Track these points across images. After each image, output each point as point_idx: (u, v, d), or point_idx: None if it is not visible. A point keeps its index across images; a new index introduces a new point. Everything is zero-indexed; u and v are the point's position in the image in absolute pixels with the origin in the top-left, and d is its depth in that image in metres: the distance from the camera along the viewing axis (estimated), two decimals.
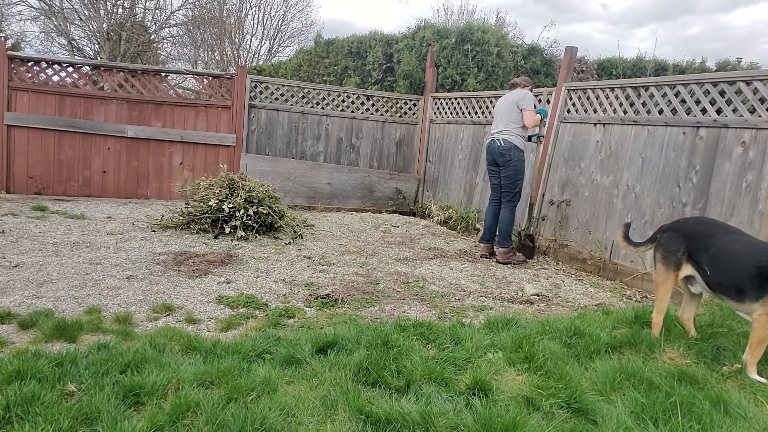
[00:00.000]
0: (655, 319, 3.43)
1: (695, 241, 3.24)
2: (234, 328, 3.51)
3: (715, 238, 3.17)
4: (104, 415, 2.20)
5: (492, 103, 7.85)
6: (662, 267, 3.36)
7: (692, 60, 12.13)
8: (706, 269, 3.14)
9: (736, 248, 3.06)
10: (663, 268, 3.36)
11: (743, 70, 7.85)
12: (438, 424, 2.29)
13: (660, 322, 3.42)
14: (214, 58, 22.71)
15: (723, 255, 3.08)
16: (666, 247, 3.36)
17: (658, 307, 3.42)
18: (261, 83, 8.82)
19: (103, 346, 2.90)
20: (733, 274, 3.01)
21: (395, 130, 9.59)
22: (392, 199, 9.29)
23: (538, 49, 10.62)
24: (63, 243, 5.31)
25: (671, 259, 3.32)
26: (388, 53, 10.41)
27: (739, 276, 2.98)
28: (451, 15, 16.92)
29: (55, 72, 8.00)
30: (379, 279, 4.94)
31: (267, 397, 2.44)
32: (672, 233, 3.38)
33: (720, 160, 4.69)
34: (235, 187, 6.34)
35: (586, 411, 2.50)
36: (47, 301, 3.74)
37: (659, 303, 3.41)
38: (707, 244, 3.17)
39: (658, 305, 3.42)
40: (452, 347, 3.13)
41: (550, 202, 6.49)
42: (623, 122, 5.66)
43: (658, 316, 3.42)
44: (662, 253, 3.37)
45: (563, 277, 5.54)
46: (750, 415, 2.49)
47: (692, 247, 3.25)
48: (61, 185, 8.05)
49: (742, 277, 2.96)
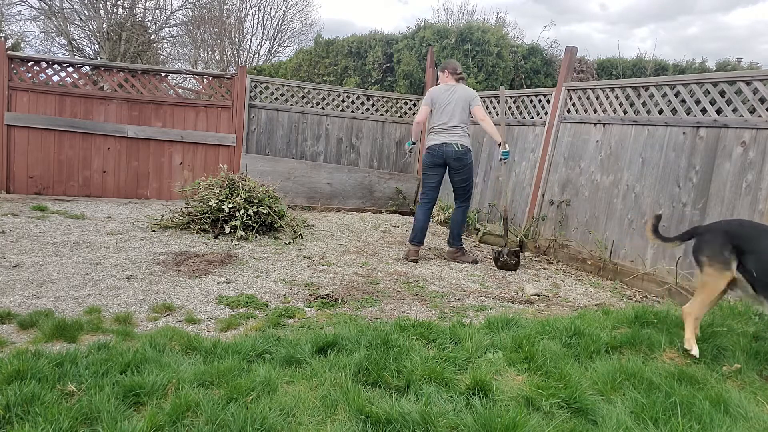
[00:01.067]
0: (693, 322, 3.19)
1: (743, 243, 3.10)
2: (234, 328, 3.51)
3: (761, 240, 3.07)
4: (104, 415, 2.20)
5: (492, 103, 7.85)
6: (711, 269, 3.17)
7: (692, 60, 12.14)
8: (753, 271, 3.03)
9: None
10: (712, 270, 3.16)
11: (743, 70, 7.85)
12: (438, 424, 2.29)
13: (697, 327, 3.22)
14: (214, 58, 22.72)
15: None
16: (713, 248, 3.18)
17: (697, 311, 3.21)
18: (261, 83, 8.82)
19: (103, 346, 2.90)
20: None
21: (395, 130, 9.59)
22: (392, 199, 9.29)
23: (538, 49, 10.62)
24: (63, 243, 5.31)
25: (720, 260, 3.13)
26: (388, 53, 10.40)
27: None
28: (451, 15, 16.91)
29: (55, 72, 8.00)
30: (379, 279, 4.94)
31: (267, 397, 2.44)
32: (715, 234, 3.23)
33: (720, 160, 4.69)
34: (235, 187, 6.34)
35: (586, 411, 2.50)
36: (47, 301, 3.74)
37: (700, 308, 3.21)
38: (754, 247, 3.05)
39: (698, 310, 3.21)
40: (452, 347, 3.13)
41: (550, 202, 6.49)
42: (623, 122, 5.66)
43: (696, 322, 3.21)
44: (709, 254, 3.19)
45: (563, 277, 5.54)
46: (750, 415, 2.49)
47: (740, 249, 3.11)
48: (61, 185, 8.05)
49: None
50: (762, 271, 3.00)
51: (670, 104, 5.25)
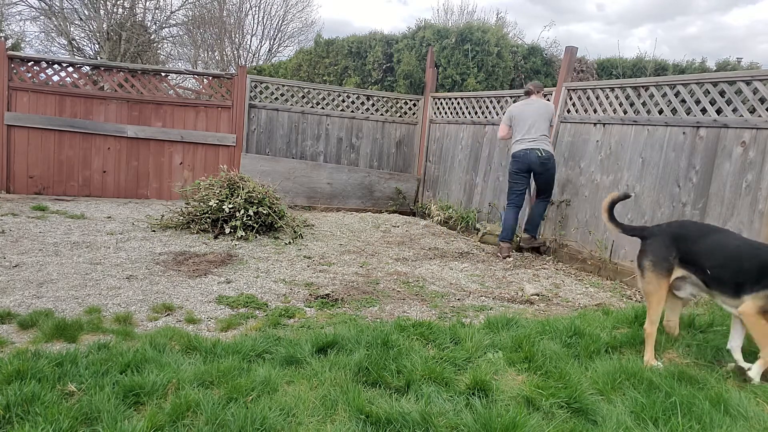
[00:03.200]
0: (648, 329, 3.15)
1: (688, 243, 3.12)
2: (234, 328, 3.51)
3: (708, 237, 3.11)
4: (104, 415, 2.20)
5: (492, 103, 7.85)
6: (652, 275, 3.15)
7: (692, 60, 12.15)
8: (705, 268, 3.06)
9: (734, 244, 3.03)
10: (653, 276, 3.15)
11: (743, 70, 7.85)
12: (438, 424, 2.29)
13: (654, 333, 3.16)
14: (214, 58, 22.73)
15: (720, 252, 3.03)
16: (656, 254, 3.17)
17: (651, 317, 3.16)
18: (261, 83, 8.82)
19: (103, 346, 2.90)
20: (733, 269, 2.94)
21: (395, 130, 9.59)
22: (392, 199, 9.29)
23: (538, 49, 10.63)
24: (63, 243, 5.31)
25: (663, 266, 3.13)
26: (388, 53, 10.40)
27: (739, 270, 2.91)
28: (451, 15, 16.90)
29: (55, 72, 8.00)
30: (379, 279, 4.94)
31: (267, 397, 2.44)
32: (659, 239, 3.22)
33: (720, 160, 4.69)
34: (235, 187, 6.34)
35: (586, 411, 2.50)
36: (47, 301, 3.74)
37: (653, 313, 3.15)
38: (701, 245, 3.08)
39: (651, 315, 3.16)
40: (452, 347, 3.13)
41: (550, 202, 6.49)
42: (623, 122, 5.66)
43: (651, 327, 3.15)
44: (652, 260, 3.17)
45: (563, 277, 5.54)
46: (750, 415, 2.49)
47: (684, 249, 3.12)
48: (61, 185, 8.05)
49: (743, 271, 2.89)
50: (713, 266, 3.02)
51: (670, 104, 5.25)
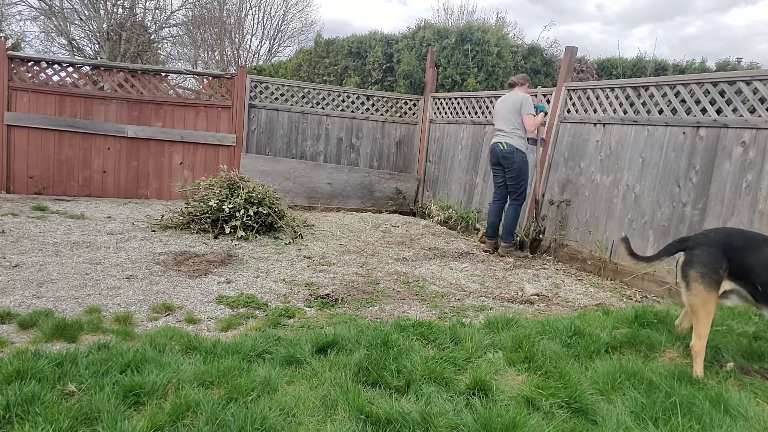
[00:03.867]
0: (698, 346, 2.94)
1: (739, 255, 2.98)
2: (234, 328, 3.51)
3: (761, 250, 2.97)
4: (104, 415, 2.20)
5: (492, 103, 7.84)
6: (701, 287, 2.99)
7: (692, 60, 12.14)
8: (758, 284, 2.91)
9: None
10: (702, 289, 2.98)
11: (743, 70, 7.85)
12: (438, 424, 2.29)
13: (703, 350, 2.96)
14: (214, 58, 22.72)
15: None
16: (705, 264, 3.00)
17: (699, 332, 2.96)
18: (261, 83, 8.82)
19: (103, 346, 2.90)
20: None
21: (395, 130, 9.59)
22: (392, 199, 9.29)
23: (538, 49, 10.62)
24: (63, 243, 5.31)
25: (713, 278, 2.97)
26: (388, 53, 10.40)
27: None
28: (451, 15, 16.90)
29: (55, 72, 7.99)
30: (379, 279, 4.94)
31: (267, 397, 2.44)
32: (708, 249, 3.04)
33: (720, 160, 4.69)
34: (235, 187, 6.34)
35: (586, 411, 2.50)
36: (47, 301, 3.74)
37: (701, 328, 2.96)
38: (755, 258, 2.94)
39: (700, 330, 2.96)
40: (452, 347, 3.13)
41: (550, 202, 6.49)
42: (623, 122, 5.66)
43: (700, 343, 2.95)
44: (701, 271, 3.00)
45: (563, 277, 5.53)
46: (750, 415, 2.49)
47: (735, 261, 2.98)
48: (61, 185, 8.05)
49: None
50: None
51: (670, 104, 5.25)
